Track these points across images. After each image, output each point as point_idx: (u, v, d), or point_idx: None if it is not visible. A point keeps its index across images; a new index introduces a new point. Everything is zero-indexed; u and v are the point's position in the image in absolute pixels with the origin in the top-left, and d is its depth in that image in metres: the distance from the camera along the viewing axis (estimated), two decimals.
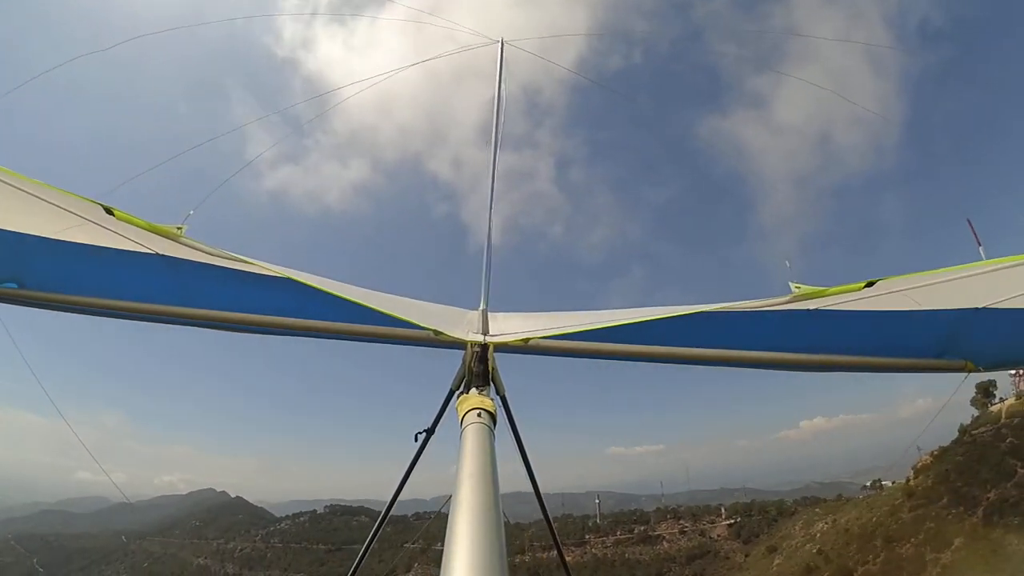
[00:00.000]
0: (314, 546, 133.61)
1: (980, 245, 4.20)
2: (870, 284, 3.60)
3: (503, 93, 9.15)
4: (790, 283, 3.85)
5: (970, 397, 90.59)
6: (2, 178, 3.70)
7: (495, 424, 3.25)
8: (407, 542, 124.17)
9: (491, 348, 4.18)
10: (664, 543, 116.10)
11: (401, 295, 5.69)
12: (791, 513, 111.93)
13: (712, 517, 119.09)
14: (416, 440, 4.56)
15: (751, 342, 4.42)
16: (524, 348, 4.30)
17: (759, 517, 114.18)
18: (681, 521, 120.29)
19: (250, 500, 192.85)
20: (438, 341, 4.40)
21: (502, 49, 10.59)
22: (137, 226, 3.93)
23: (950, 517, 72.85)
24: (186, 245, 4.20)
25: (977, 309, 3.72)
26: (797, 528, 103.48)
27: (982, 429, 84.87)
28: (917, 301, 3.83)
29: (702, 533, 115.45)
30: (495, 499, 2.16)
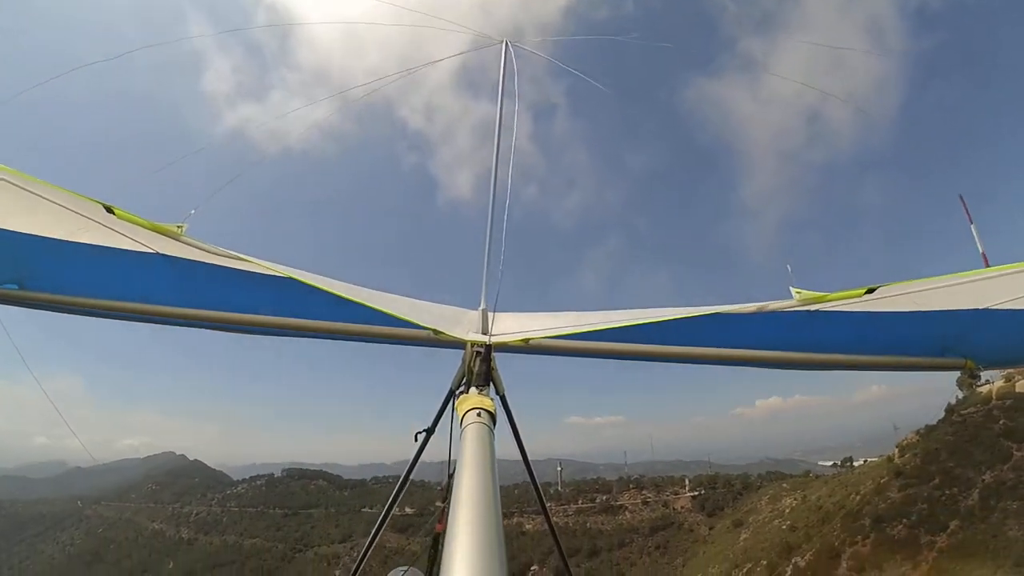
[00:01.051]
0: (271, 510, 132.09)
1: (972, 223, 4.40)
2: (871, 291, 3.60)
3: (504, 95, 8.60)
4: (791, 288, 3.83)
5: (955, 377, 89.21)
6: (3, 176, 3.61)
7: (495, 424, 3.21)
8: (365, 506, 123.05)
9: (492, 348, 4.15)
10: (627, 513, 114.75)
11: (402, 294, 5.74)
12: (756, 487, 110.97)
13: (675, 488, 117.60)
14: (416, 440, 4.69)
15: (751, 341, 4.44)
16: (524, 348, 4.28)
17: (723, 490, 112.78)
18: (644, 492, 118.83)
19: (209, 464, 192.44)
20: (438, 341, 4.41)
21: (505, 49, 9.98)
22: (138, 225, 3.87)
23: (943, 499, 69.92)
24: (187, 244, 4.13)
25: (979, 310, 3.76)
26: (763, 503, 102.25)
27: (971, 409, 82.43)
28: (918, 303, 3.85)
29: (665, 504, 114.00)
30: (495, 498, 2.17)
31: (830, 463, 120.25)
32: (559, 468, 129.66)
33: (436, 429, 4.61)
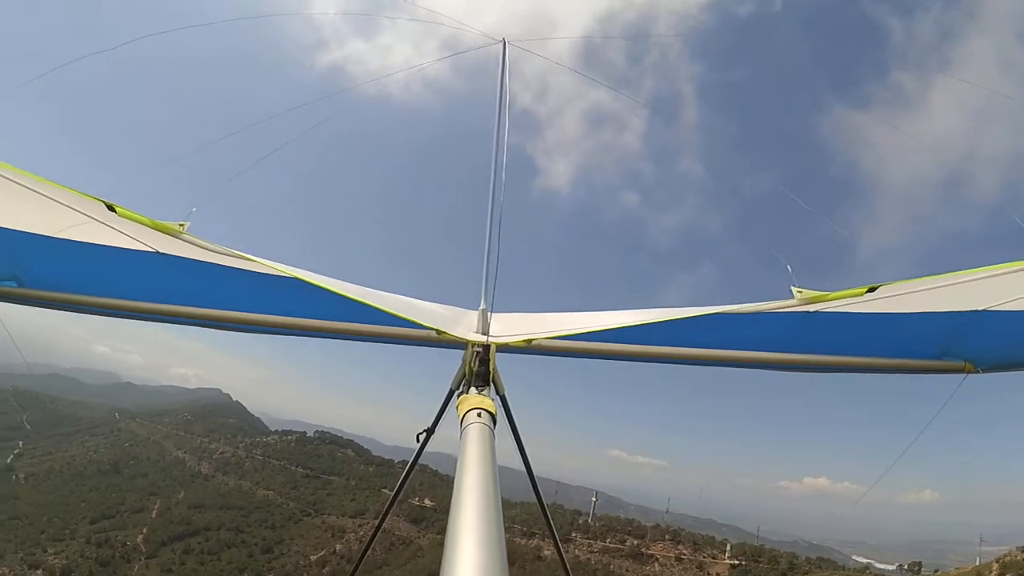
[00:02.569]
0: (292, 467, 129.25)
1: None
2: (872, 289, 3.65)
3: (506, 93, 8.82)
4: (792, 287, 3.91)
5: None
6: (4, 174, 3.66)
7: (495, 424, 3.25)
8: (385, 487, 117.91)
9: (492, 348, 4.16)
10: (656, 565, 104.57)
11: (404, 294, 5.75)
12: (803, 572, 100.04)
13: (713, 552, 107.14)
14: (417, 440, 4.70)
15: (751, 343, 4.49)
16: (525, 348, 4.32)
17: (768, 567, 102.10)
18: (679, 546, 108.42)
19: (249, 408, 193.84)
20: (440, 341, 4.43)
21: (505, 49, 10.42)
22: (139, 223, 3.92)
23: None
24: (188, 242, 4.17)
25: (978, 311, 3.77)
26: None
27: None
28: (918, 305, 3.89)
29: (700, 566, 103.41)
30: (495, 499, 2.19)
31: (893, 565, 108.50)
32: (594, 499, 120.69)
33: (436, 429, 4.64)
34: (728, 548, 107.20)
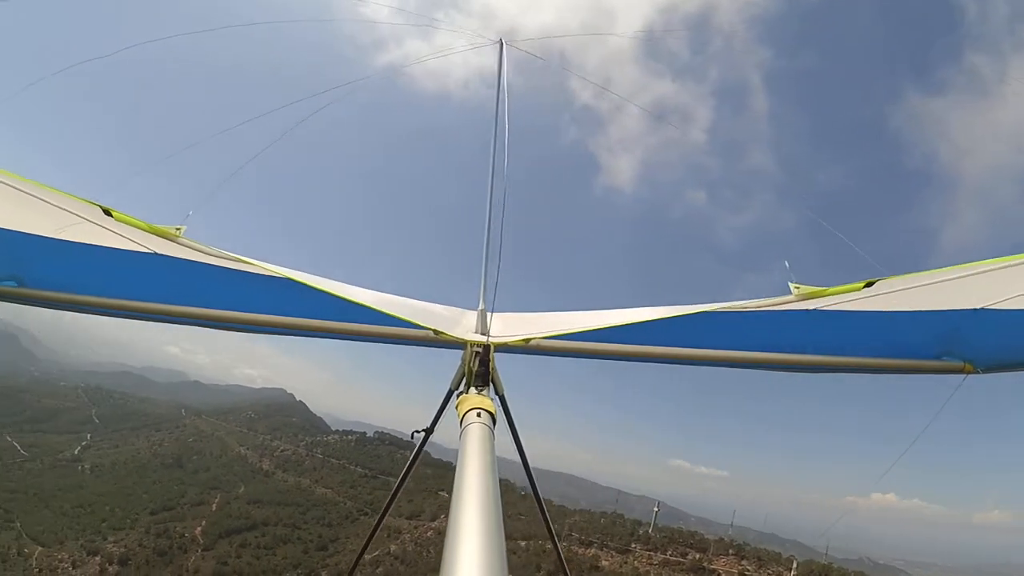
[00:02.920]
0: (352, 467, 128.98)
1: None
2: (869, 284, 3.68)
3: (504, 93, 8.83)
4: (790, 283, 3.96)
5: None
6: (1, 179, 3.77)
7: (495, 424, 3.28)
8: (443, 490, 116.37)
9: (492, 348, 4.19)
10: None
11: (405, 295, 5.80)
12: None
13: (779, 569, 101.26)
14: (412, 438, 4.84)
15: (751, 343, 4.50)
16: (524, 348, 4.33)
17: None
18: (743, 561, 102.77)
19: (311, 408, 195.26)
20: (438, 341, 4.45)
21: (502, 49, 10.43)
22: (136, 227, 4.02)
23: None
24: (185, 246, 4.24)
25: (976, 310, 3.74)
26: None
27: None
28: (917, 301, 3.91)
29: None
30: (495, 499, 2.19)
31: None
32: (656, 509, 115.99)
33: (435, 429, 4.73)
34: (795, 565, 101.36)
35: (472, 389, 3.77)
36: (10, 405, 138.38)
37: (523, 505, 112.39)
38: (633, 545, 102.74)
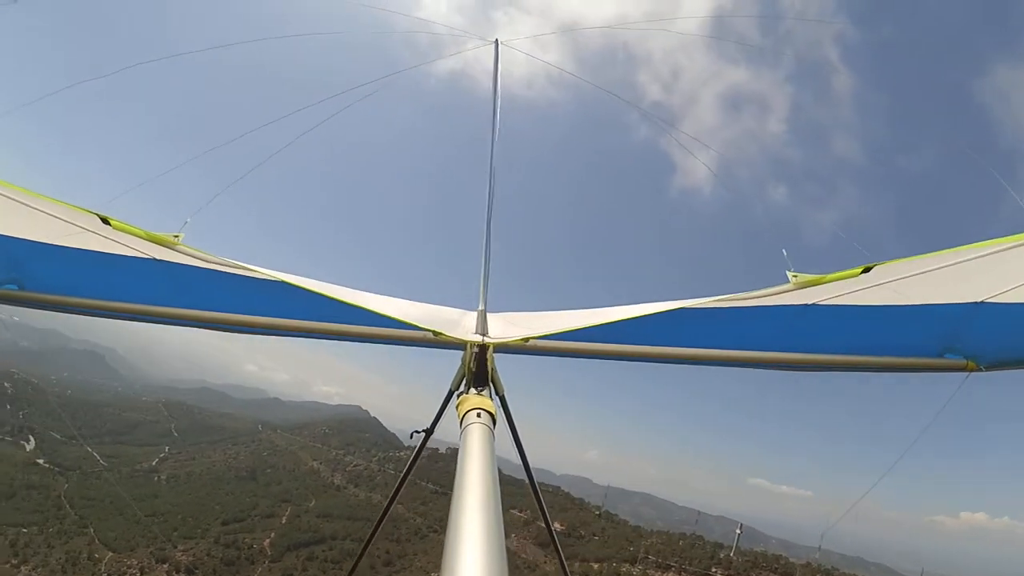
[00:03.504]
0: (423, 482, 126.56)
1: None
2: (867, 270, 3.59)
3: (498, 93, 9.39)
4: (787, 272, 3.87)
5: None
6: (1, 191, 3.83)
7: (495, 424, 3.29)
8: (515, 508, 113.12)
9: (490, 349, 4.20)
10: None
11: (408, 297, 5.81)
12: None
13: None
14: (411, 438, 4.87)
15: (752, 341, 4.54)
16: (523, 348, 4.36)
17: None
18: None
19: (385, 424, 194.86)
20: (437, 342, 4.48)
21: (497, 49, 10.79)
22: (134, 235, 4.01)
23: None
24: (183, 253, 4.25)
25: (977, 304, 3.72)
26: None
27: None
28: (917, 294, 3.86)
29: None
30: (496, 499, 2.21)
31: None
32: (738, 531, 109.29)
33: (435, 429, 4.80)
34: None
35: (472, 389, 3.73)
36: (92, 418, 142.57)
37: (597, 525, 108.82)
38: (714, 569, 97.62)
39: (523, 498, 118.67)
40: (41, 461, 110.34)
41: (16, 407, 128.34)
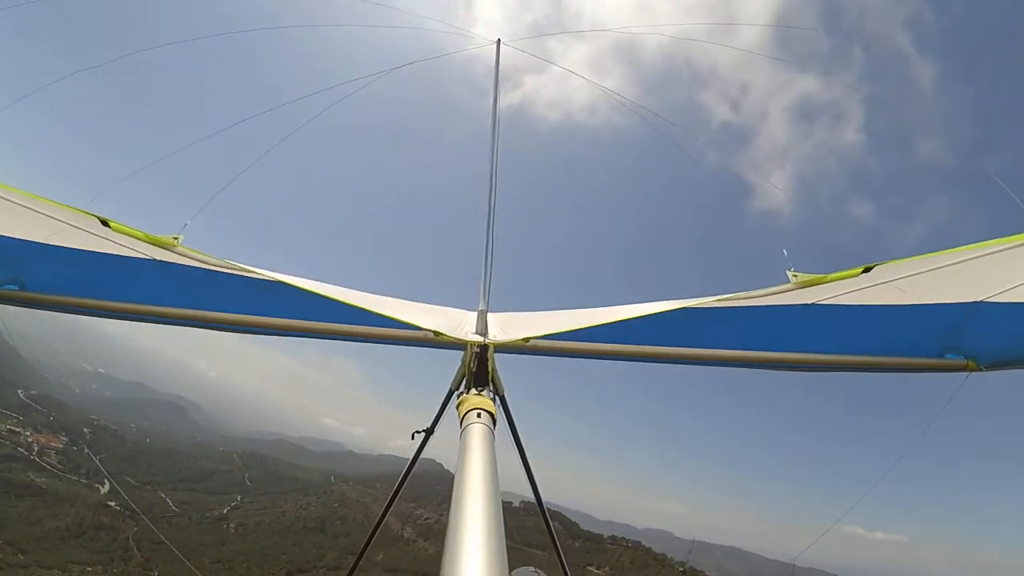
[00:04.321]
0: None
1: None
2: (867, 269, 3.60)
3: (499, 94, 9.37)
4: (788, 272, 3.88)
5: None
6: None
7: (495, 425, 3.29)
8: (592, 564, 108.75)
9: (491, 349, 4.20)
10: None
11: (409, 297, 5.86)
12: None
13: None
14: (412, 439, 4.87)
15: (752, 341, 4.54)
16: (524, 348, 4.35)
17: None
18: None
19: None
20: (438, 342, 4.47)
21: (498, 49, 10.78)
22: (133, 237, 4.03)
23: None
24: (183, 255, 4.27)
25: (977, 303, 3.74)
26: None
27: None
28: (917, 294, 3.86)
29: None
30: (495, 499, 2.20)
31: None
32: None
33: (435, 430, 4.80)
34: None
35: (472, 389, 3.73)
36: (167, 465, 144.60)
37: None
38: None
39: (601, 555, 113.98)
40: (112, 503, 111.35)
41: (94, 451, 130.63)
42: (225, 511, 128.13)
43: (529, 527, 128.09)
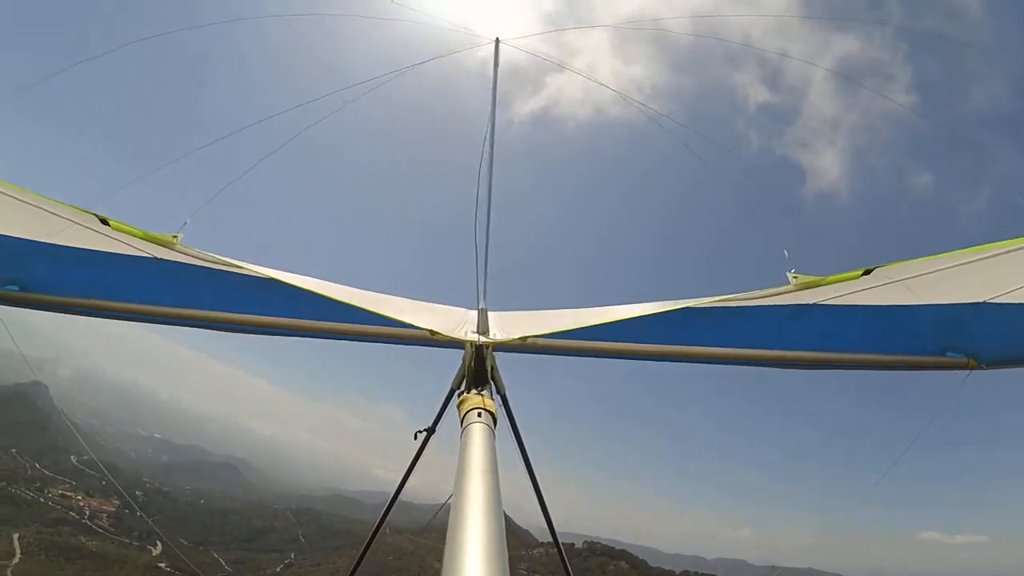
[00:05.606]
0: None
1: None
2: (868, 272, 3.62)
3: (497, 90, 9.46)
4: (788, 273, 3.92)
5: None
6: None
7: (496, 424, 3.32)
8: None
9: (490, 348, 4.23)
10: None
11: (411, 297, 5.88)
12: None
13: None
14: (415, 439, 4.87)
15: (752, 339, 4.60)
16: (523, 347, 4.40)
17: None
18: None
19: (517, 521, 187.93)
20: (436, 341, 4.52)
21: (497, 47, 10.82)
22: (132, 235, 4.05)
23: None
24: (182, 253, 4.28)
25: (979, 304, 3.79)
26: None
27: None
28: (918, 294, 3.88)
29: None
30: (496, 499, 2.22)
31: None
32: None
33: (436, 429, 4.79)
34: None
35: (473, 389, 3.73)
36: (221, 525, 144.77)
37: None
38: None
39: None
40: (163, 565, 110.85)
41: (148, 513, 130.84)
42: (279, 569, 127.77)
43: (593, 569, 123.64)
